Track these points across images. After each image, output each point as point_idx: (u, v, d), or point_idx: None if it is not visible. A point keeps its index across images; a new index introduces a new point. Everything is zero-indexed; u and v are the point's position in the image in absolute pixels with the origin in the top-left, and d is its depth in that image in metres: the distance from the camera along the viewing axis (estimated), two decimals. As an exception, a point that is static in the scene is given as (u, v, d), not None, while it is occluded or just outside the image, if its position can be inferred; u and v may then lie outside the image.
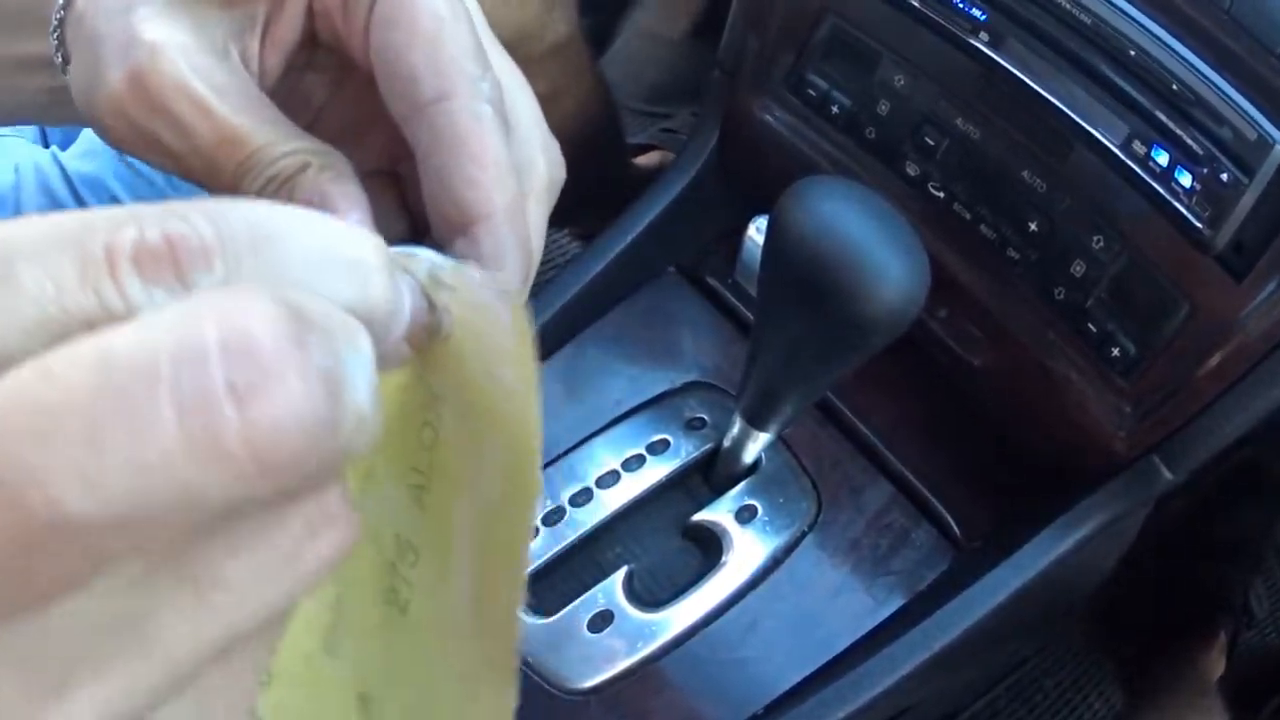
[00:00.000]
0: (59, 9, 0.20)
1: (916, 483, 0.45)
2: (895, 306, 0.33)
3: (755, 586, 0.42)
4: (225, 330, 0.10)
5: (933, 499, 0.45)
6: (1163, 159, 0.39)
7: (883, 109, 0.43)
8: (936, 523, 0.45)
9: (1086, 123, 0.39)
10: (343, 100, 0.22)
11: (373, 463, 0.18)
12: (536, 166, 0.21)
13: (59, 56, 0.21)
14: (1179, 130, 0.39)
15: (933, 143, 0.42)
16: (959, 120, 0.41)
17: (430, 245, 0.18)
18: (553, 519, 0.42)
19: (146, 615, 0.11)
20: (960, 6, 0.40)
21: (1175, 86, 0.39)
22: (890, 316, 0.33)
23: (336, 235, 0.13)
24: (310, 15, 0.21)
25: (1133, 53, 0.39)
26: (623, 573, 0.42)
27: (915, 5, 0.41)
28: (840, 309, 0.33)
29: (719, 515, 0.43)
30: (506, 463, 0.16)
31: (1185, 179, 0.39)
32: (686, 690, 0.41)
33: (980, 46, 0.40)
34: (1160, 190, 0.39)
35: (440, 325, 0.15)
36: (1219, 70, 0.38)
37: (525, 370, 0.15)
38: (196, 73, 0.19)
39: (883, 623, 0.43)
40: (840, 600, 0.43)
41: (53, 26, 0.21)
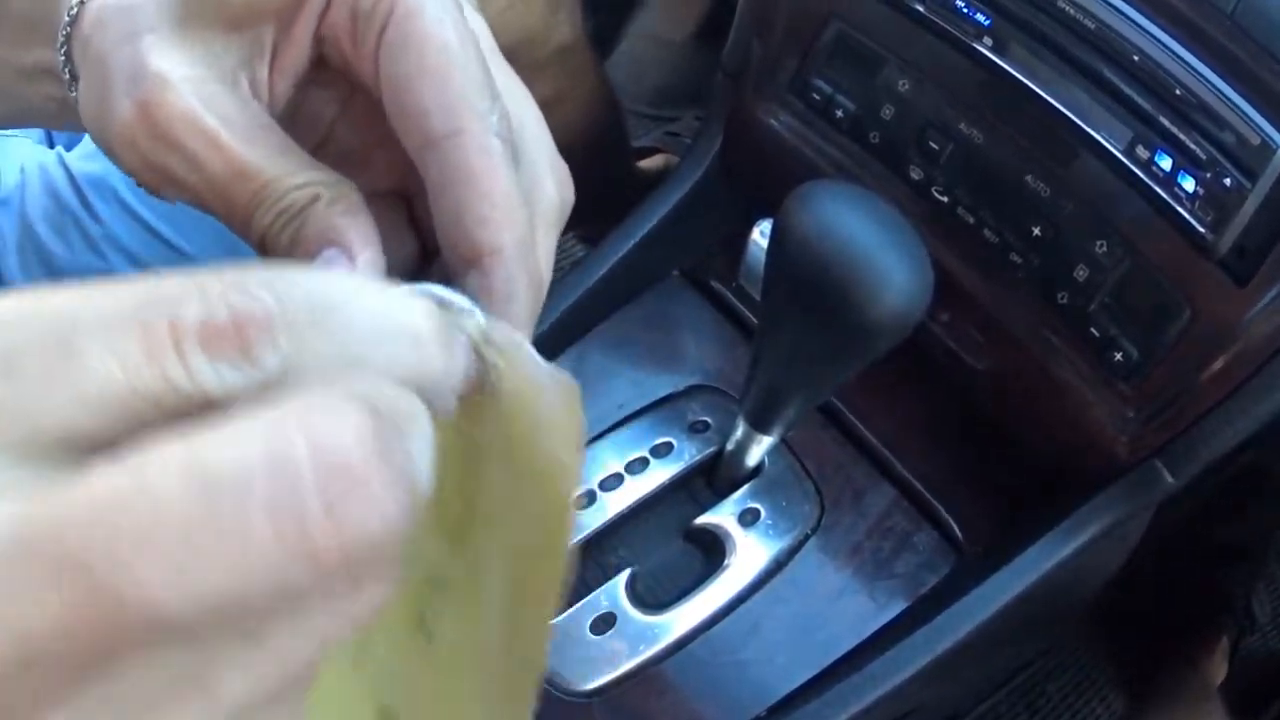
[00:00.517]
0: (65, 25, 0.20)
1: (919, 486, 0.45)
2: (899, 310, 0.33)
3: (758, 589, 0.42)
4: (315, 444, 0.11)
5: (935, 503, 0.45)
6: (1166, 164, 0.39)
7: (887, 113, 0.43)
8: (939, 526, 0.45)
9: (1090, 127, 0.39)
10: (350, 119, 0.22)
11: None
12: (545, 190, 0.21)
13: (66, 73, 0.21)
14: (1182, 135, 0.39)
15: (936, 147, 0.42)
16: (963, 125, 0.41)
17: (439, 280, 0.18)
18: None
19: (208, 668, 0.12)
20: (964, 11, 0.41)
21: (1178, 91, 0.39)
22: (894, 320, 0.34)
23: (392, 306, 0.14)
24: (318, 40, 0.21)
25: (1136, 57, 0.39)
26: (625, 575, 0.42)
27: (919, 10, 0.41)
28: (844, 313, 0.33)
29: (721, 518, 0.43)
30: (546, 522, 0.17)
31: (1188, 184, 0.39)
32: (689, 692, 0.41)
33: (984, 51, 0.40)
34: (1163, 195, 0.39)
35: (487, 380, 0.16)
36: (1222, 75, 0.38)
37: (572, 444, 0.16)
38: (205, 104, 0.18)
39: (885, 626, 0.43)
40: (842, 603, 0.43)
41: (59, 42, 0.21)
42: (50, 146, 0.51)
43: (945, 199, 0.43)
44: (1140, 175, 0.39)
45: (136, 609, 0.10)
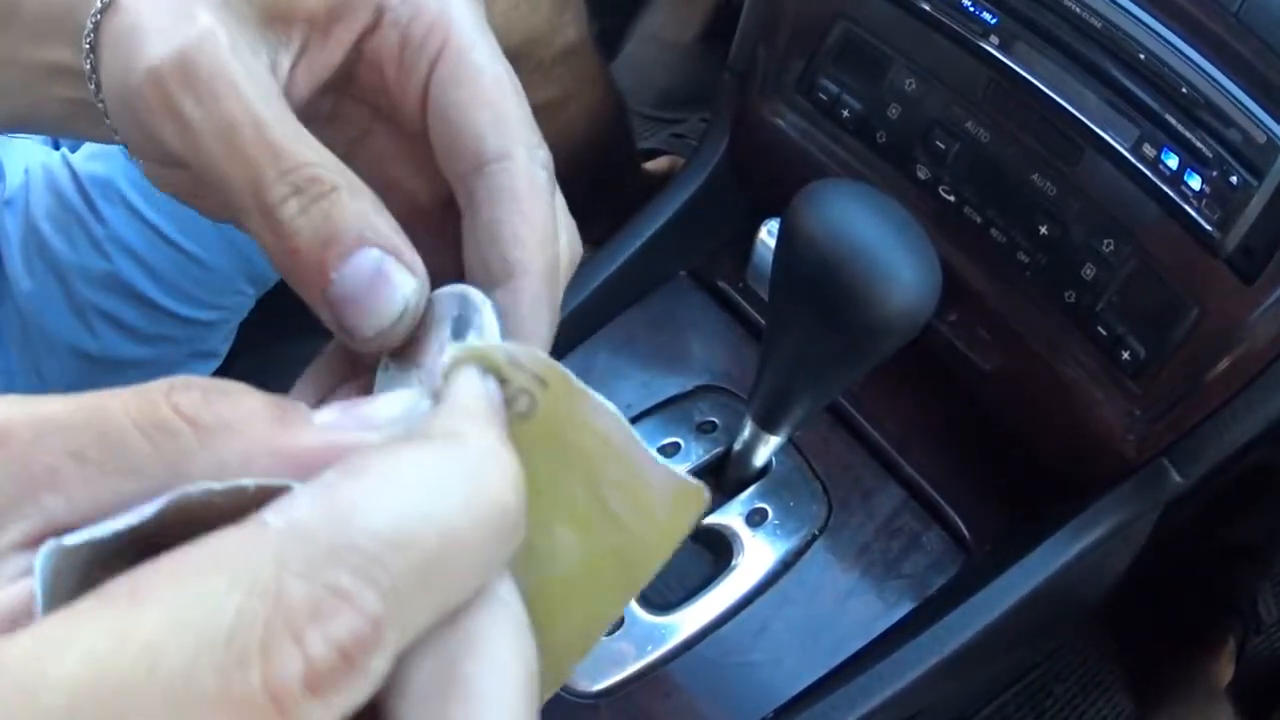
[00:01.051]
0: (96, 13, 0.20)
1: (927, 487, 0.45)
2: (907, 310, 0.33)
3: (765, 590, 0.42)
4: None
5: (943, 503, 0.45)
6: (1173, 162, 0.39)
7: (893, 113, 0.43)
8: (947, 527, 0.45)
9: (1097, 126, 0.39)
10: (358, 162, 0.22)
11: None
12: (561, 240, 0.21)
13: (88, 64, 0.21)
14: (1189, 133, 0.39)
15: (943, 146, 0.42)
16: (970, 124, 0.42)
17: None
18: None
19: None
20: (971, 10, 0.41)
21: (1185, 90, 0.39)
22: (902, 320, 0.33)
23: (498, 525, 0.13)
24: (356, 54, 0.21)
25: (1142, 56, 0.39)
26: (633, 575, 0.42)
27: (926, 9, 0.41)
28: (852, 312, 0.33)
29: (729, 518, 0.43)
30: (612, 548, 0.16)
31: (1195, 182, 0.39)
32: (696, 694, 0.41)
33: (991, 50, 0.40)
34: (1170, 193, 0.39)
35: (516, 401, 0.16)
36: (1228, 73, 0.38)
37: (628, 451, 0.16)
38: (243, 64, 0.18)
39: (892, 627, 0.43)
40: (850, 604, 0.43)
41: (86, 31, 0.20)
42: (55, 148, 0.51)
43: (952, 198, 0.43)
44: (1147, 174, 0.39)
45: None
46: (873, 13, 0.42)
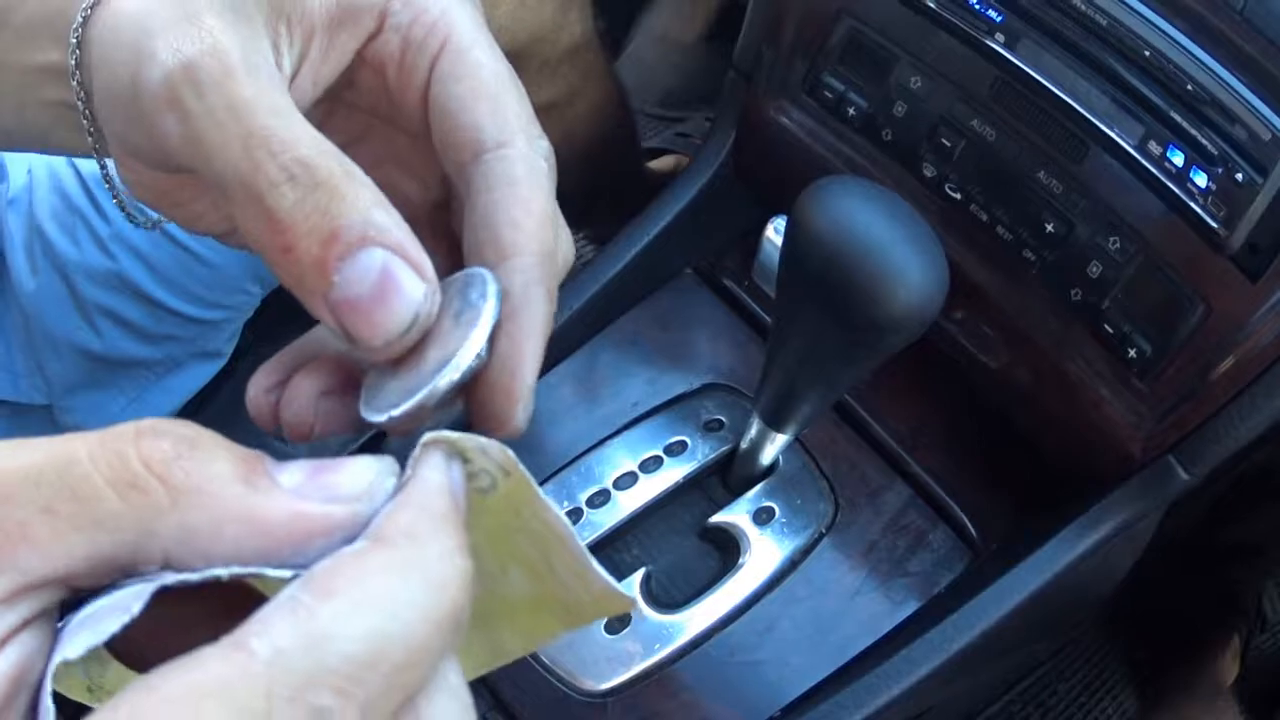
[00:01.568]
0: (84, 9, 0.20)
1: (933, 485, 0.45)
2: (914, 307, 0.33)
3: (773, 588, 0.42)
4: None
5: (949, 501, 0.45)
6: (1178, 159, 0.39)
7: (899, 110, 0.43)
8: (953, 525, 0.45)
9: (1103, 123, 0.39)
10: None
11: None
12: (559, 241, 0.21)
13: (73, 59, 0.20)
14: (1194, 131, 0.39)
15: (949, 144, 0.42)
16: (975, 122, 0.42)
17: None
18: (570, 520, 0.42)
19: None
20: (977, 8, 0.41)
21: (1190, 87, 0.39)
22: (909, 317, 0.33)
23: (453, 617, 0.14)
24: (359, 62, 0.21)
25: (1148, 53, 0.39)
26: (640, 574, 0.42)
27: (931, 7, 0.41)
28: (859, 309, 0.33)
29: (736, 517, 0.43)
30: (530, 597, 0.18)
31: (1201, 179, 0.39)
32: (703, 692, 0.41)
33: (997, 48, 0.40)
34: (1176, 190, 0.39)
35: (477, 477, 0.17)
36: (1233, 71, 0.38)
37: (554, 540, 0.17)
38: (245, 56, 0.18)
39: (900, 625, 0.43)
40: (857, 602, 0.43)
41: (74, 26, 0.20)
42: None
43: (958, 196, 0.43)
44: (1153, 171, 0.39)
45: None
46: (878, 10, 0.42)
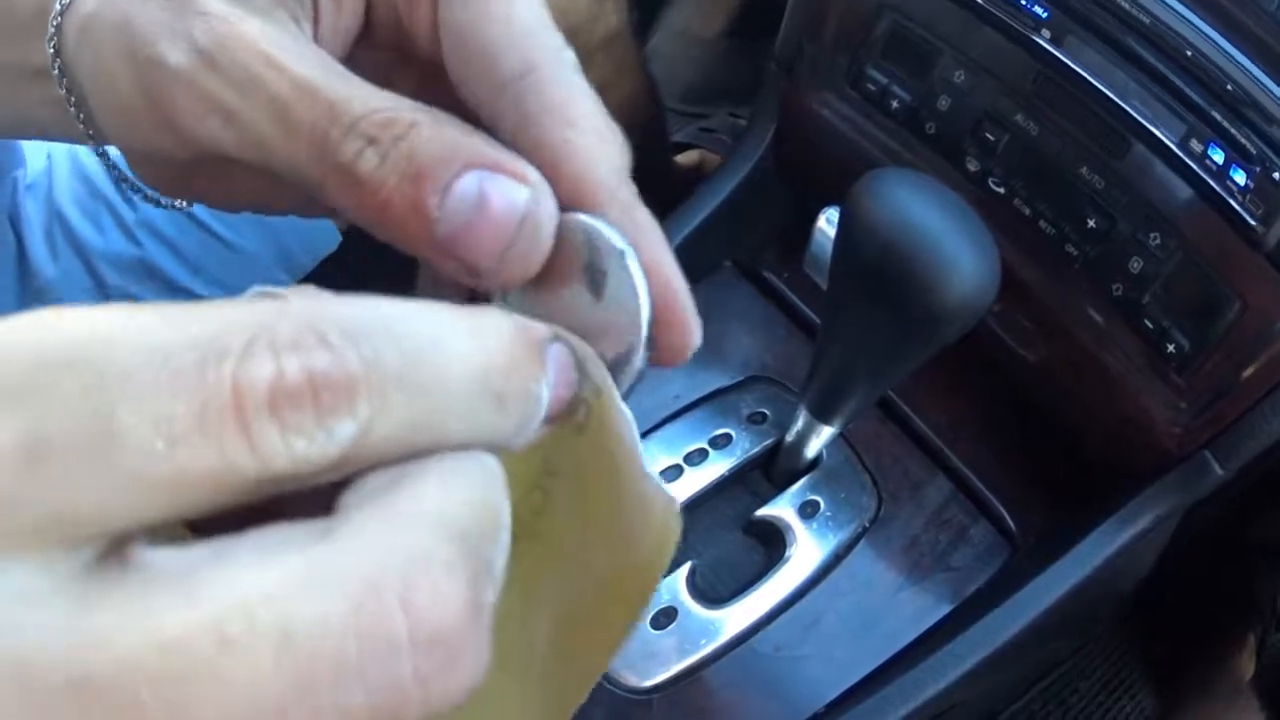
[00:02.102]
0: (56, 15, 0.19)
1: (974, 479, 0.45)
2: (969, 297, 0.33)
3: (817, 583, 0.42)
4: (415, 619, 0.10)
5: (989, 495, 0.45)
6: (1219, 157, 0.40)
7: (943, 104, 0.43)
8: (993, 519, 0.45)
9: (1146, 120, 0.40)
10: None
11: None
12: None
13: (55, 67, 0.19)
14: (1234, 130, 0.39)
15: (993, 138, 0.42)
16: (1019, 116, 0.42)
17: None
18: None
19: None
20: (1022, 4, 0.41)
21: (1230, 86, 0.39)
22: (963, 308, 0.33)
23: (491, 359, 0.12)
24: (368, 7, 0.20)
25: (1189, 53, 0.40)
26: (686, 568, 0.41)
27: (977, 1, 0.41)
28: (914, 300, 0.33)
29: (782, 510, 0.43)
30: (622, 562, 0.17)
31: (1240, 177, 0.40)
32: (748, 689, 0.40)
33: (1042, 43, 0.41)
34: (1216, 188, 0.39)
35: (576, 412, 0.15)
36: (1269, 71, 0.38)
37: (650, 542, 0.16)
38: (267, 37, 0.17)
39: (942, 620, 0.43)
40: (901, 597, 0.42)
41: (49, 35, 0.19)
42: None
43: (1002, 190, 0.43)
44: (1194, 168, 0.40)
45: None
46: (921, 4, 0.43)
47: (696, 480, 0.43)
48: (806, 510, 0.43)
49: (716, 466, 0.43)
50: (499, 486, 0.13)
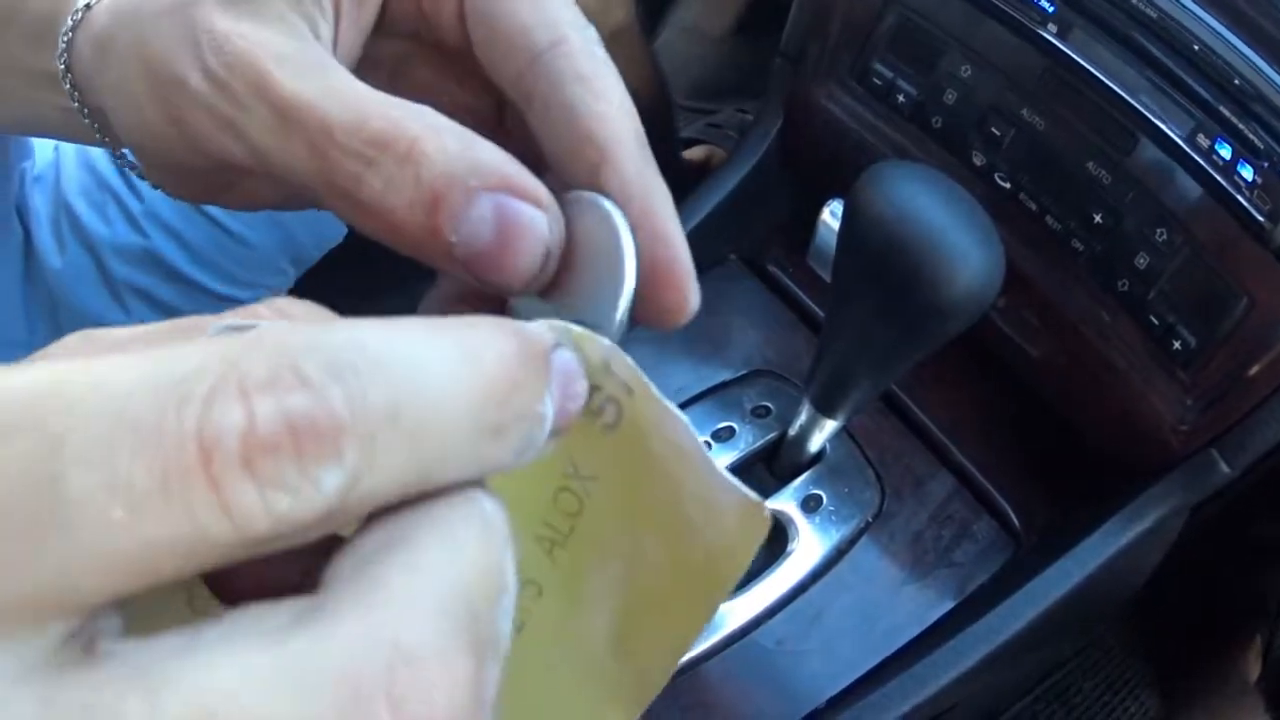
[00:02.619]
0: (66, 32, 0.19)
1: (977, 475, 0.45)
2: (973, 292, 0.33)
3: (820, 577, 0.42)
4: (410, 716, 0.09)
5: (993, 491, 0.45)
6: (1226, 152, 0.40)
7: (949, 98, 0.43)
8: (997, 515, 0.45)
9: (1153, 115, 0.40)
10: (400, 96, 0.21)
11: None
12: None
13: (66, 83, 0.20)
14: (1241, 125, 0.39)
15: (999, 133, 0.42)
16: (1025, 111, 0.42)
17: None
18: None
19: None
20: (1029, -2, 0.41)
21: (1237, 81, 0.39)
22: (968, 302, 0.33)
23: (490, 384, 0.11)
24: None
25: (1197, 48, 0.39)
26: (688, 561, 0.41)
27: (984, -4, 0.41)
28: (919, 293, 0.33)
29: (785, 504, 0.43)
30: (685, 559, 0.16)
31: (1247, 172, 0.39)
32: (750, 683, 0.40)
33: (1049, 37, 0.41)
34: (1223, 183, 0.39)
35: (602, 412, 0.15)
36: (1276, 66, 0.38)
37: (733, 541, 0.16)
38: (272, 51, 0.17)
39: (944, 616, 0.42)
40: (904, 592, 0.42)
41: (59, 50, 0.19)
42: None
43: (1008, 185, 0.43)
44: (1201, 163, 0.39)
45: None
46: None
47: (699, 473, 0.42)
48: (809, 504, 0.43)
49: (719, 460, 0.43)
50: (501, 541, 0.12)
